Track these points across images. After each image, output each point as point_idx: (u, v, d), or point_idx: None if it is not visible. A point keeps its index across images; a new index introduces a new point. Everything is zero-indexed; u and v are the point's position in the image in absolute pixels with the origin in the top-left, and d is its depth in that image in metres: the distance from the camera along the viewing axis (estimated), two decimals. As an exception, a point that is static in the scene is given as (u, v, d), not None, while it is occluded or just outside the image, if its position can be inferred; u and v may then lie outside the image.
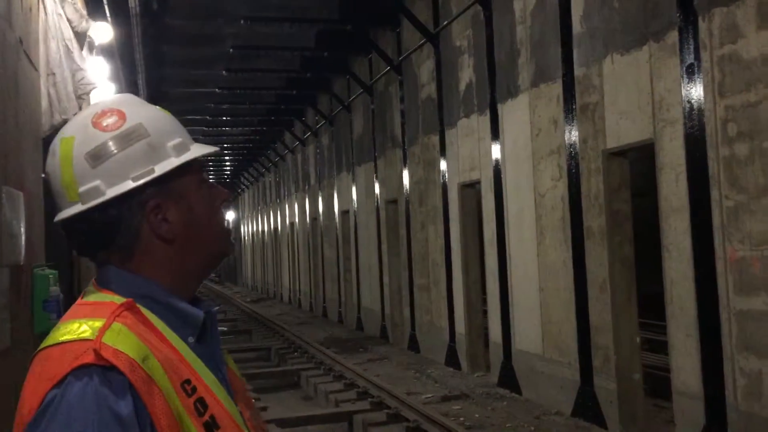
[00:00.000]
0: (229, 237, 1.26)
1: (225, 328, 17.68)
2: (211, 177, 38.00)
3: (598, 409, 7.21)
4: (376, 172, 14.73)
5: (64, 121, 5.41)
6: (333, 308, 18.75)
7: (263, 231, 31.73)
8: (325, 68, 16.15)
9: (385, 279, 14.39)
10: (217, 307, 1.25)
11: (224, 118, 21.83)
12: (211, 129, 23.19)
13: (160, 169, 1.13)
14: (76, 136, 1.13)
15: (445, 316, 11.23)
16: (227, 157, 31.78)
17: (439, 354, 11.42)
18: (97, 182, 1.11)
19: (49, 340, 1.06)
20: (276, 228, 28.33)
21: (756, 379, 5.31)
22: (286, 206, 25.62)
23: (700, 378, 5.82)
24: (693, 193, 5.85)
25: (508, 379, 9.12)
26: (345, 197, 17.36)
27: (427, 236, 12.02)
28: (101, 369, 0.99)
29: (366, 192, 15.56)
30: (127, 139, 1.12)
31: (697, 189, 5.80)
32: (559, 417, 7.77)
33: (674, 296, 6.17)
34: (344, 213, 17.63)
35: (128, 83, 13.70)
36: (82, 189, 1.11)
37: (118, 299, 1.09)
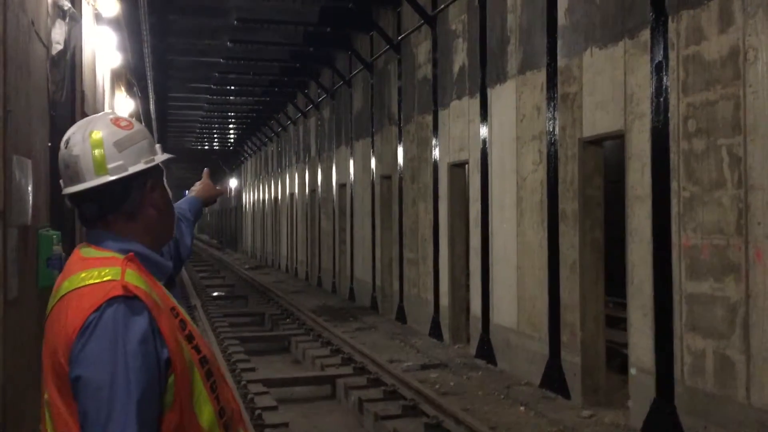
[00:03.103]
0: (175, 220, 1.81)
1: (223, 293, 18.25)
2: (215, 145, 38.43)
3: (564, 381, 7.70)
4: (372, 148, 15.11)
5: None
6: (327, 278, 19.26)
7: (264, 200, 32.18)
8: (328, 44, 16.44)
9: (377, 252, 14.86)
10: (170, 262, 1.83)
11: (229, 87, 22.11)
12: (215, 98, 23.47)
13: (158, 159, 1.68)
14: (103, 130, 1.63)
15: (431, 290, 11.71)
16: (231, 126, 32.11)
17: (424, 325, 11.92)
18: (121, 162, 1.62)
19: (76, 284, 1.53)
20: (276, 198, 28.76)
21: (700, 357, 5.77)
22: (287, 177, 26.02)
23: (653, 354, 6.29)
24: (655, 183, 6.26)
25: (485, 350, 9.62)
26: (343, 171, 17.76)
27: (417, 212, 12.45)
28: (125, 298, 1.48)
29: (363, 166, 15.96)
30: (138, 136, 1.67)
31: (659, 179, 6.21)
32: (528, 387, 8.27)
33: (634, 278, 6.61)
34: (341, 186, 18.05)
35: (134, 51, 14.04)
36: (111, 165, 1.61)
37: (119, 254, 1.58)
